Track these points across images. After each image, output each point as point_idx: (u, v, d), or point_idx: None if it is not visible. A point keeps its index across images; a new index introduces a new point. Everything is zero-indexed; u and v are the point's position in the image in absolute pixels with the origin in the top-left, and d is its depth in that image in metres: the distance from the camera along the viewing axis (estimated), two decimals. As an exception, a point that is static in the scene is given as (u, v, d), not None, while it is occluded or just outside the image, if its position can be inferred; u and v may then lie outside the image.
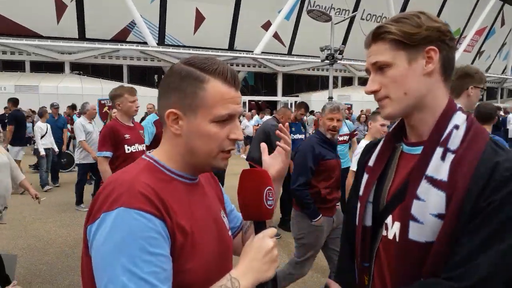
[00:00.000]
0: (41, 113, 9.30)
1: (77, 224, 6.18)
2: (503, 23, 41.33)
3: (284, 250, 4.87)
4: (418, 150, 1.11)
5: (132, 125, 4.22)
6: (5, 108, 15.75)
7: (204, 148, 1.00)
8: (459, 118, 1.08)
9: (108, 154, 3.99)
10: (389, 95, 1.09)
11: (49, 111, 9.97)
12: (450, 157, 1.02)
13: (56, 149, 9.08)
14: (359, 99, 28.65)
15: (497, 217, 0.94)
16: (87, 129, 7.13)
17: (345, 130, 5.94)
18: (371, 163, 1.26)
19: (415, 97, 1.08)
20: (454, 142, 1.04)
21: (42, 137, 8.74)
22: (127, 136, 4.07)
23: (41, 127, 8.80)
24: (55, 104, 10.06)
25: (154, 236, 0.86)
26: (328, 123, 3.57)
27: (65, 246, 5.23)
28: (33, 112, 17.75)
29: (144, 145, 4.33)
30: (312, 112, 19.46)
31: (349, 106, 26.00)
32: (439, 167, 1.03)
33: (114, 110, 8.32)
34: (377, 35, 1.09)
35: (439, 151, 1.04)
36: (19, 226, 6.08)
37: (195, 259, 0.96)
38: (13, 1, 24.85)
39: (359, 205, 1.24)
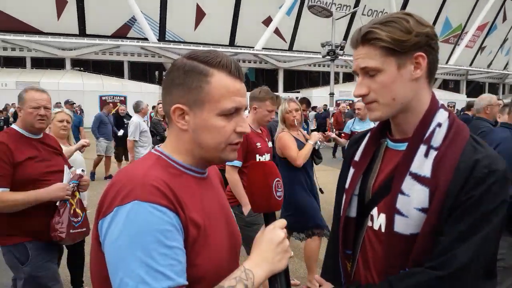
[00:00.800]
0: None
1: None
2: (505, 19, 41.15)
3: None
4: (403, 146, 1.16)
5: (260, 131, 3.65)
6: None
7: (211, 142, 1.00)
8: (442, 116, 1.13)
9: (238, 164, 3.40)
10: (377, 99, 1.12)
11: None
12: (433, 154, 1.08)
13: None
14: (360, 95, 28.52)
15: (475, 211, 1.01)
16: (143, 128, 7.00)
17: (372, 125, 5.92)
18: (356, 157, 1.30)
19: (402, 102, 1.12)
20: (437, 139, 1.09)
21: None
22: (258, 145, 3.51)
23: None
24: (69, 100, 9.60)
25: (169, 229, 0.86)
26: None
27: (67, 242, 5.25)
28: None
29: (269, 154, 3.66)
30: (314, 108, 19.41)
31: (351, 102, 25.97)
32: (423, 163, 1.08)
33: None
34: (367, 40, 1.10)
35: (422, 148, 1.09)
36: (21, 222, 6.09)
37: (206, 253, 0.96)
38: (14, -3, 24.81)
39: (344, 197, 1.29)
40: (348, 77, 35.80)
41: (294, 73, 34.67)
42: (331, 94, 22.03)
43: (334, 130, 6.69)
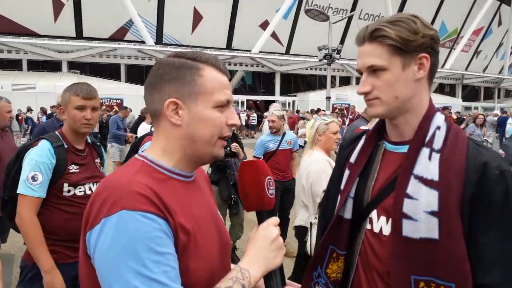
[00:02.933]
0: (143, 115, 8.54)
1: (75, 224, 6.17)
2: (500, 23, 41.42)
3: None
4: (403, 149, 1.17)
5: None
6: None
7: (206, 135, 1.00)
8: (439, 119, 1.15)
9: None
10: (380, 97, 1.14)
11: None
12: (436, 156, 1.09)
13: None
14: (357, 98, 28.54)
15: (505, 215, 1.03)
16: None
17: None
18: (352, 159, 1.30)
19: (404, 101, 1.13)
20: (438, 142, 1.11)
21: None
22: None
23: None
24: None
25: (160, 236, 0.85)
26: None
27: (62, 246, 5.23)
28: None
29: None
30: (312, 111, 19.34)
31: (347, 106, 26.03)
32: (427, 166, 1.09)
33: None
34: (374, 37, 1.11)
35: (425, 151, 1.10)
36: (16, 226, 6.06)
37: (198, 259, 0.95)
38: (10, -1, 24.74)
39: (339, 198, 1.29)
40: (345, 81, 35.89)
41: (291, 77, 34.70)
42: (328, 98, 22.08)
43: None
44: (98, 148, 2.46)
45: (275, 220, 1.04)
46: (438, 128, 1.13)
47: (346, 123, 15.02)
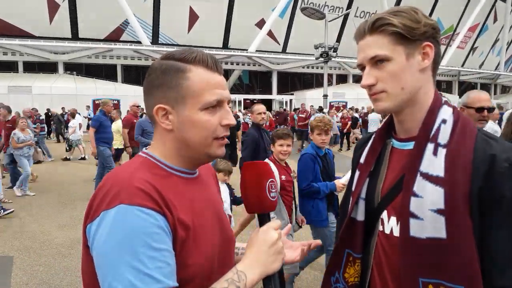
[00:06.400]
0: None
1: (73, 225, 6.16)
2: (495, 20, 41.52)
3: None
4: (409, 145, 1.13)
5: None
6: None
7: (197, 138, 0.99)
8: (446, 112, 1.10)
9: None
10: (386, 89, 1.09)
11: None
12: (442, 152, 1.04)
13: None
14: (354, 96, 28.70)
15: None
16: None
17: None
18: (362, 160, 1.27)
19: (410, 92, 1.09)
20: (444, 136, 1.06)
21: None
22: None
23: None
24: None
25: (157, 232, 0.86)
26: None
27: (61, 247, 5.21)
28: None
29: None
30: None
31: (344, 104, 26.08)
32: (433, 162, 1.04)
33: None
34: (376, 27, 1.08)
35: (430, 146, 1.06)
36: (15, 228, 6.05)
37: (197, 254, 0.95)
38: (5, 0, 24.61)
39: (351, 200, 1.26)
40: (342, 79, 35.91)
41: (287, 75, 34.70)
42: (325, 96, 22.09)
43: None
44: None
45: (276, 223, 1.03)
46: (444, 121, 1.08)
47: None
